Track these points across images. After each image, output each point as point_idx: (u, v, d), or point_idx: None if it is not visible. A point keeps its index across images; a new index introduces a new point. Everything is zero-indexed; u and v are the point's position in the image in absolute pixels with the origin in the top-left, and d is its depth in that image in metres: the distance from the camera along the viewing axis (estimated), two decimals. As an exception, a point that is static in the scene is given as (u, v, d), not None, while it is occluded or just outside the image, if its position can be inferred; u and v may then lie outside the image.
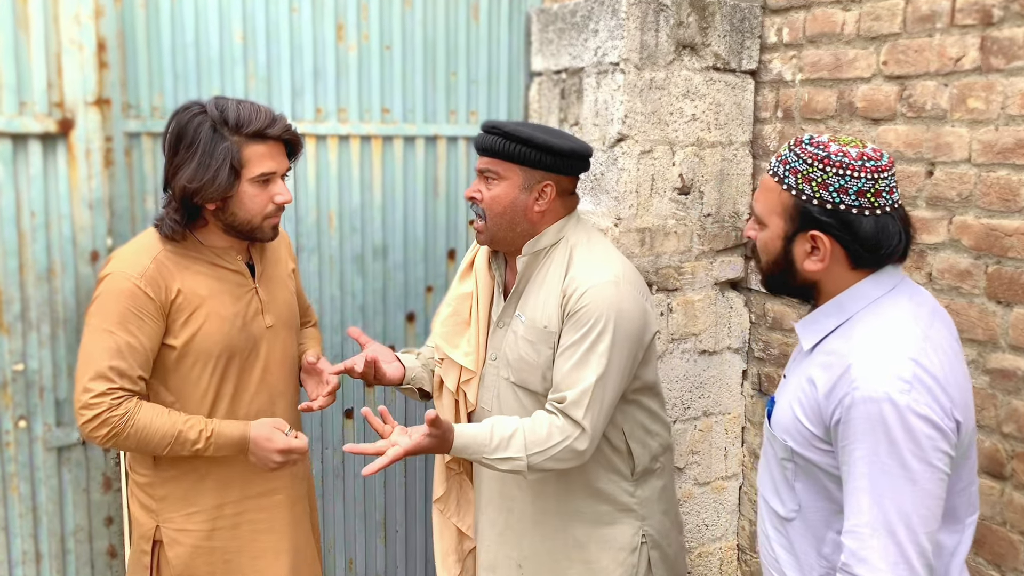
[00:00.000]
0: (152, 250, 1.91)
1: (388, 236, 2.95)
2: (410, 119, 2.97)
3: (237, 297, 2.02)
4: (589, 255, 1.96)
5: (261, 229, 1.95)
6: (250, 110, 1.88)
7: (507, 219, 1.94)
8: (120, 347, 1.83)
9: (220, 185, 1.83)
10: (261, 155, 1.87)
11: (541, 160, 1.90)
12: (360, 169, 2.92)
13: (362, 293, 2.99)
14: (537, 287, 2.00)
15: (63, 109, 2.50)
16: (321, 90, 2.80)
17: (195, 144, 1.86)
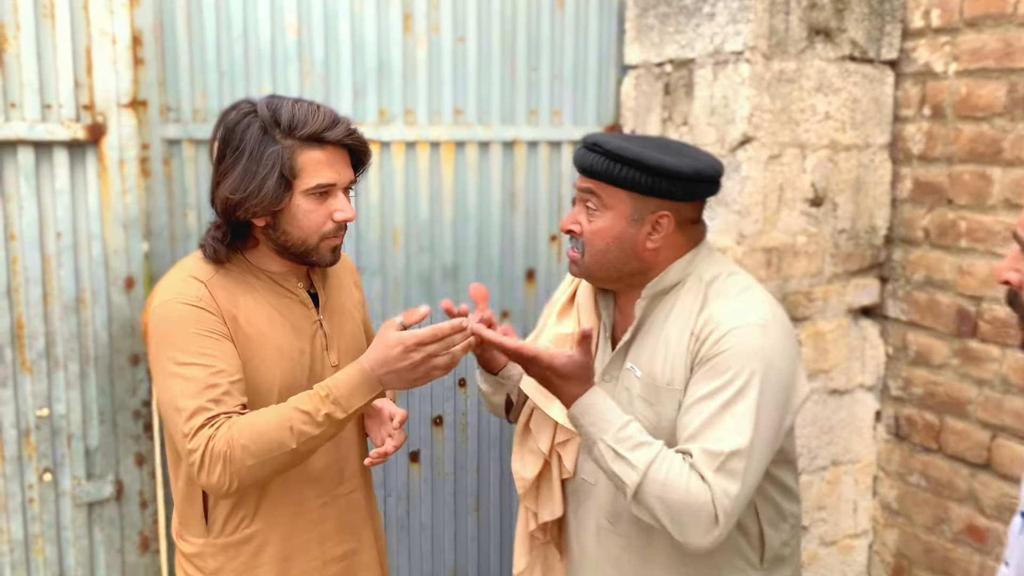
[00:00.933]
0: (202, 275, 1.60)
1: (459, 255, 2.61)
2: (485, 121, 2.60)
3: (300, 330, 1.67)
4: (729, 292, 1.58)
5: (318, 251, 1.61)
6: (307, 110, 1.55)
7: (611, 257, 1.59)
8: (207, 377, 1.51)
9: (267, 196, 1.52)
10: (318, 163, 1.55)
11: (655, 186, 1.52)
12: (429, 179, 2.56)
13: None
14: (656, 333, 1.62)
15: (93, 113, 2.16)
16: (385, 89, 2.46)
17: (241, 148, 1.54)
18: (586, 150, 1.60)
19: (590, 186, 1.60)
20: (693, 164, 1.53)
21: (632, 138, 1.61)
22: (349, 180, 1.63)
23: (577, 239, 1.62)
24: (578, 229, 1.62)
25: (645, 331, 1.64)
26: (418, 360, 1.50)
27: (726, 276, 1.61)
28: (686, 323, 1.56)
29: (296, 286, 1.69)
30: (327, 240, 1.62)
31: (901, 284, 2.48)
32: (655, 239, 1.57)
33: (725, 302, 1.55)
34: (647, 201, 1.55)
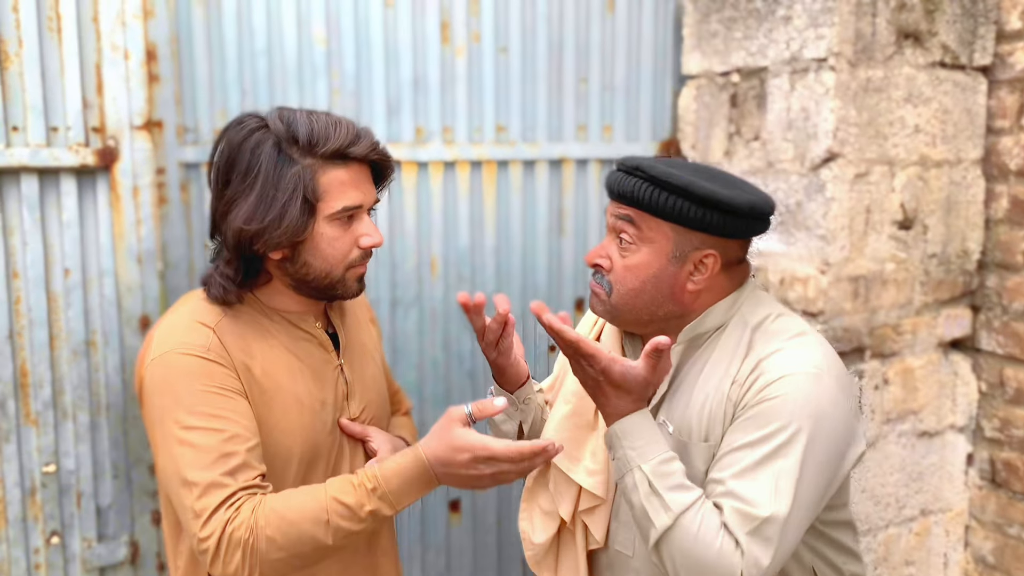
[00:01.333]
0: (207, 318, 1.38)
1: (503, 284, 2.44)
2: (530, 138, 2.39)
3: (322, 377, 1.47)
4: (779, 336, 1.39)
5: (344, 283, 1.42)
6: (326, 123, 1.36)
7: (645, 298, 1.40)
8: (219, 444, 1.30)
9: (291, 226, 1.33)
10: (343, 183, 1.36)
11: (704, 220, 1.34)
12: (469, 202, 2.35)
13: (471, 356, 2.40)
14: (692, 383, 1.42)
15: (103, 135, 1.95)
16: (422, 105, 2.29)
17: (254, 171, 1.33)
18: (625, 174, 1.39)
19: (628, 214, 1.39)
20: (749, 198, 1.34)
21: (674, 163, 1.41)
22: (374, 200, 1.43)
23: (604, 275, 1.42)
24: (607, 264, 1.42)
25: (679, 380, 1.45)
26: (487, 474, 1.30)
27: (774, 318, 1.41)
28: (727, 370, 1.38)
29: (315, 327, 1.47)
30: (353, 269, 1.42)
31: (996, 314, 2.23)
32: (697, 280, 1.38)
33: (774, 347, 1.36)
34: (692, 236, 1.37)
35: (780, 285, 2.11)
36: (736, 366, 1.37)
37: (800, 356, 1.34)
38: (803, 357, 1.34)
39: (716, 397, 1.37)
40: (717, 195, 1.32)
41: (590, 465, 1.50)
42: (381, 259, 2.30)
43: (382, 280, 2.31)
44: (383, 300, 2.32)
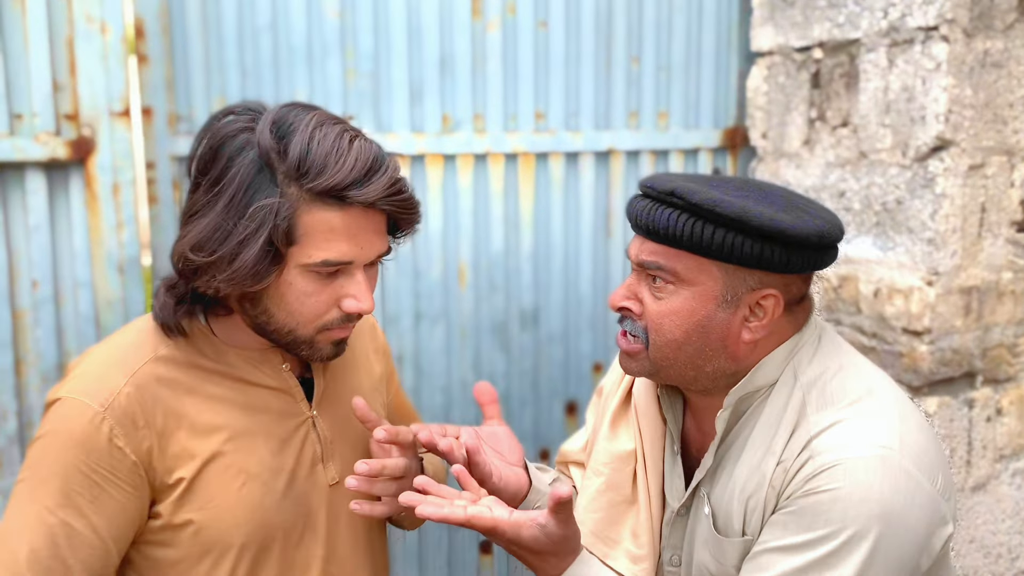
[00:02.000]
0: (135, 358, 1.10)
1: (541, 295, 2.16)
2: (574, 127, 2.11)
3: (280, 438, 1.16)
4: (837, 400, 1.13)
5: (312, 345, 1.12)
6: (333, 145, 1.02)
7: (689, 351, 1.15)
8: (53, 534, 1.04)
9: (242, 271, 1.03)
10: (332, 231, 1.05)
11: (763, 255, 1.09)
12: (504, 201, 2.08)
13: (505, 376, 2.12)
14: (735, 456, 1.18)
15: (77, 124, 1.68)
16: (449, 89, 2.02)
17: (222, 183, 1.03)
18: (655, 202, 1.12)
19: (659, 259, 1.12)
20: (817, 226, 1.09)
21: (712, 181, 1.14)
22: (376, 255, 1.10)
23: (635, 320, 1.15)
24: (637, 308, 1.15)
25: (725, 451, 1.20)
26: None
27: (835, 374, 1.15)
28: (771, 445, 1.13)
29: (280, 369, 1.16)
30: (327, 332, 1.11)
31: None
32: (754, 327, 1.13)
33: (831, 419, 1.10)
34: (747, 275, 1.11)
35: (875, 298, 1.78)
36: (782, 441, 1.12)
37: (863, 432, 1.07)
38: (867, 433, 1.07)
39: (756, 480, 1.13)
40: (779, 225, 1.05)
41: (632, 548, 1.28)
42: (403, 267, 2.01)
43: (403, 291, 2.02)
44: (405, 314, 2.03)
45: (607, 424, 1.35)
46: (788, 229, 1.05)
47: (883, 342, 1.78)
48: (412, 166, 2.00)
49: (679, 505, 1.24)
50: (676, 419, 1.27)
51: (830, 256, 1.13)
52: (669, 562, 1.27)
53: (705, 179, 1.15)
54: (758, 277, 1.11)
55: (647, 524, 1.27)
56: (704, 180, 1.14)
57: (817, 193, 1.94)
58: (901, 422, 1.08)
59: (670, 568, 1.27)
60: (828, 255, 1.13)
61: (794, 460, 1.08)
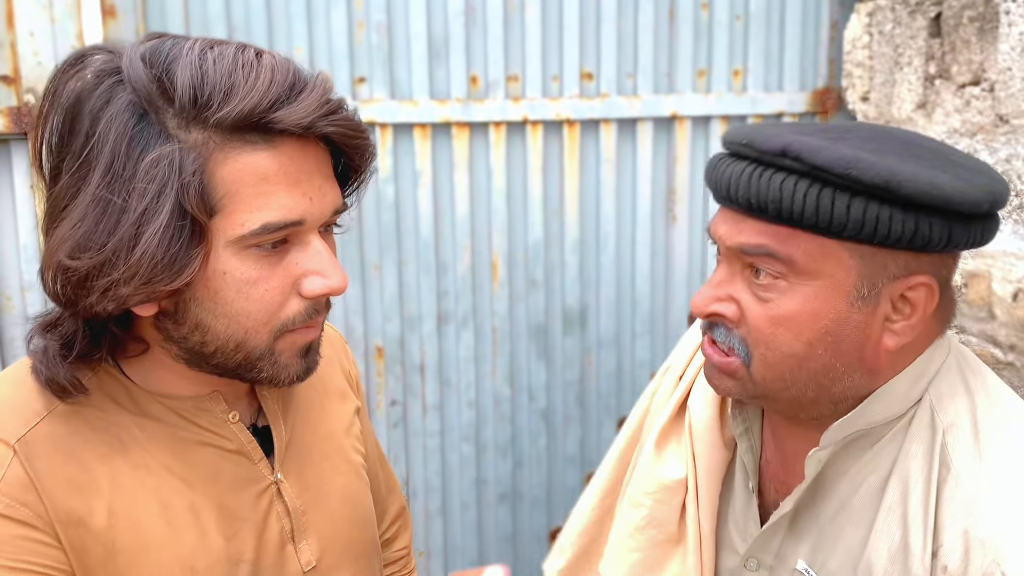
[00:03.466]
0: (19, 419, 0.79)
1: (589, 293, 1.85)
2: (627, 89, 1.79)
3: (234, 516, 0.86)
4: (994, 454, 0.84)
5: (274, 360, 0.81)
6: (234, 63, 0.72)
7: (812, 369, 0.86)
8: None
9: (152, 262, 0.71)
10: (265, 178, 0.74)
11: (918, 231, 0.80)
12: (544, 178, 1.78)
13: (546, 389, 1.81)
14: (852, 516, 0.91)
15: (17, 88, 1.38)
16: (477, 45, 1.73)
17: (92, 150, 0.72)
18: (756, 164, 0.84)
19: (769, 245, 0.83)
20: (984, 185, 0.81)
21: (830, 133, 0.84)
22: (332, 207, 0.78)
23: (731, 330, 0.88)
24: (734, 314, 0.87)
25: (830, 499, 0.93)
26: None
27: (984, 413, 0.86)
28: (910, 525, 0.85)
29: (226, 419, 0.85)
30: (291, 335, 0.80)
31: None
32: (900, 328, 0.85)
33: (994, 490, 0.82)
34: (889, 260, 0.83)
35: (1013, 301, 1.41)
36: (928, 520, 0.84)
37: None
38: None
39: (902, 567, 0.85)
40: (942, 190, 0.78)
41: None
42: (423, 260, 1.69)
43: (425, 289, 1.72)
44: (426, 316, 1.73)
45: (653, 442, 1.09)
46: (954, 195, 0.77)
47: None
48: (434, 137, 1.69)
49: (747, 552, 0.98)
50: (754, 446, 0.99)
51: (996, 225, 0.86)
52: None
53: (821, 127, 0.85)
54: (903, 260, 0.83)
55: (697, 571, 1.05)
56: (821, 129, 0.84)
57: (935, 168, 1.56)
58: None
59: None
60: (995, 224, 0.85)
61: (962, 563, 0.79)
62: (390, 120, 1.66)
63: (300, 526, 0.89)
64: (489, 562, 1.84)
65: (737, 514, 1.02)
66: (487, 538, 1.84)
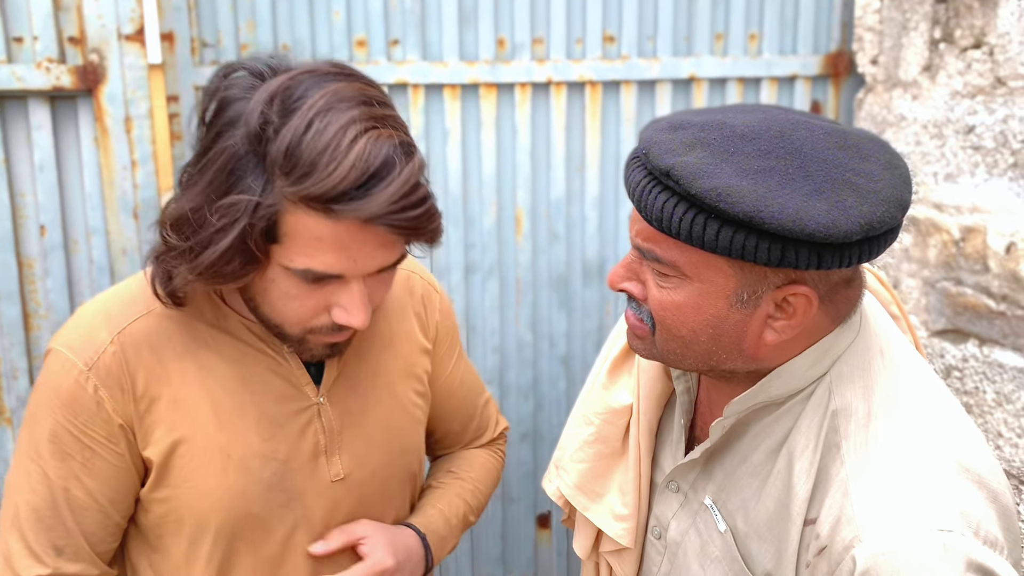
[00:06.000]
0: (125, 313, 1.00)
1: (608, 246, 1.92)
2: (649, 52, 1.84)
3: (274, 422, 1.02)
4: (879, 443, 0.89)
5: (303, 344, 0.99)
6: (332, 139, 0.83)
7: (698, 350, 0.95)
8: (53, 496, 0.98)
9: (207, 265, 0.88)
10: (319, 239, 0.87)
11: (786, 257, 0.84)
12: (566, 137, 1.84)
13: (566, 336, 1.90)
14: (751, 469, 0.98)
15: (83, 48, 1.49)
16: (505, 9, 1.79)
17: (210, 156, 0.87)
18: (649, 177, 0.88)
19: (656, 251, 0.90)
20: (861, 215, 0.82)
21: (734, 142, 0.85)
22: (379, 267, 0.91)
23: (641, 305, 0.94)
24: (639, 292, 0.94)
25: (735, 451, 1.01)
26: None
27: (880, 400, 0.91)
28: (792, 493, 0.92)
29: (282, 349, 1.02)
30: (316, 335, 0.97)
31: None
32: (781, 327, 0.90)
33: (871, 470, 0.87)
34: (769, 272, 0.88)
35: (1007, 254, 1.49)
36: (805, 487, 0.91)
37: (918, 498, 0.83)
38: (924, 501, 0.83)
39: (781, 526, 0.93)
40: (804, 226, 0.80)
41: (616, 507, 1.15)
42: (452, 214, 1.79)
43: (453, 241, 1.81)
44: (454, 267, 1.82)
45: (606, 372, 1.19)
46: (817, 230, 0.80)
47: (1015, 306, 1.50)
48: (463, 97, 1.77)
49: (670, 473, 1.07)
50: (691, 388, 1.08)
51: (885, 242, 0.87)
52: (652, 531, 1.12)
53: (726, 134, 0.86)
54: (783, 273, 0.87)
55: (635, 483, 1.13)
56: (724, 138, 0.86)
57: (939, 128, 1.63)
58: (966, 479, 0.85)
59: (652, 539, 1.12)
60: (881, 242, 0.86)
61: (830, 531, 0.85)
62: (422, 81, 1.74)
63: (334, 443, 1.03)
64: (512, 495, 1.96)
65: (672, 442, 1.11)
66: (510, 473, 1.96)
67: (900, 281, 1.74)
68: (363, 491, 1.07)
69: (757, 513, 0.96)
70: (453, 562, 1.96)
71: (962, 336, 1.62)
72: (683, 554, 1.06)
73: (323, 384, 1.03)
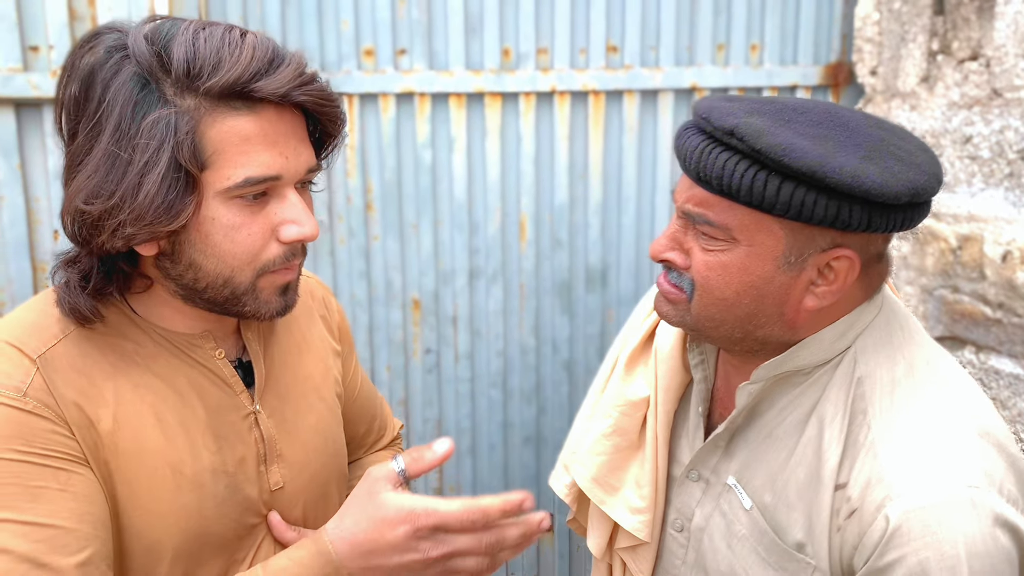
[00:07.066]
0: (33, 343, 0.91)
1: (610, 252, 1.95)
2: (652, 62, 1.88)
3: (218, 435, 0.98)
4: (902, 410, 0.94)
5: (255, 296, 0.94)
6: (222, 41, 0.86)
7: (739, 313, 0.98)
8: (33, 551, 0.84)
9: (152, 206, 0.84)
10: (247, 139, 0.86)
11: (840, 215, 0.89)
12: (570, 145, 1.87)
13: (569, 341, 1.93)
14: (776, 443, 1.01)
15: (96, 57, 1.50)
16: (510, 18, 1.82)
17: (103, 113, 0.84)
18: (708, 139, 0.91)
19: (708, 215, 0.93)
20: (909, 180, 0.88)
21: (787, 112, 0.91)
22: (305, 167, 0.91)
23: (682, 273, 0.98)
24: (682, 262, 0.98)
25: (760, 427, 1.04)
26: (434, 557, 0.86)
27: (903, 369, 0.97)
28: (825, 457, 0.96)
29: (213, 355, 0.99)
30: (271, 276, 0.93)
31: None
32: (822, 292, 0.95)
33: (897, 434, 0.93)
34: (818, 235, 0.92)
35: (1003, 262, 1.51)
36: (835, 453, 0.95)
37: (944, 461, 0.89)
38: (950, 463, 0.89)
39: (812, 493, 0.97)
40: (863, 183, 0.86)
41: (633, 500, 1.17)
42: (457, 219, 1.82)
43: (458, 247, 1.84)
44: (459, 272, 1.84)
45: (623, 364, 1.21)
46: (872, 188, 0.85)
47: (1011, 314, 1.52)
48: (468, 106, 1.80)
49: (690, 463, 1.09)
50: (708, 376, 1.10)
51: (922, 213, 0.93)
52: (672, 525, 1.14)
53: (779, 106, 0.93)
54: (831, 236, 0.92)
55: (651, 476, 1.15)
56: (777, 109, 0.92)
57: (936, 139, 1.66)
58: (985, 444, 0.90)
59: (673, 532, 1.14)
60: (919, 212, 0.92)
61: (861, 493, 0.90)
62: (428, 90, 1.77)
63: (272, 452, 1.00)
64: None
65: (689, 431, 1.13)
66: (512, 477, 1.99)
67: (898, 288, 1.77)
68: (305, 498, 1.06)
69: (786, 483, 0.99)
70: (456, 564, 1.99)
71: (959, 343, 1.65)
72: (708, 539, 1.09)
73: (256, 390, 1.01)
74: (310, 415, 1.07)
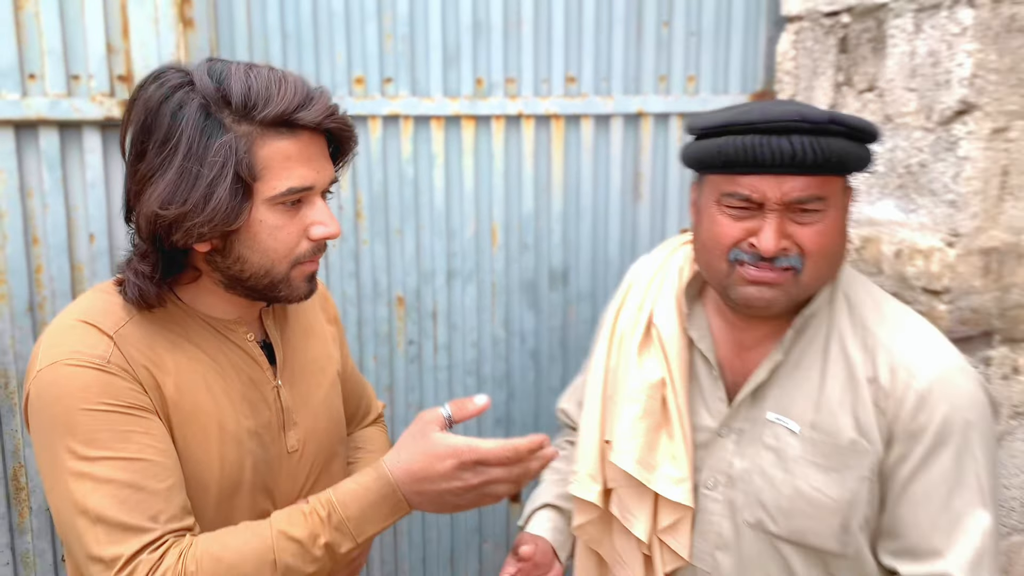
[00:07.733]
0: (107, 323, 1.10)
1: (571, 255, 2.20)
2: (604, 90, 2.13)
3: (251, 402, 1.20)
4: (889, 317, 1.27)
5: (289, 283, 1.15)
6: (268, 79, 1.07)
7: (835, 264, 1.27)
8: (134, 478, 1.04)
9: (219, 210, 1.05)
10: (289, 158, 1.08)
11: (872, 158, 1.26)
12: (535, 162, 2.11)
13: (535, 334, 2.17)
14: (809, 373, 1.25)
15: (130, 84, 1.75)
16: (483, 53, 2.05)
17: (174, 140, 1.05)
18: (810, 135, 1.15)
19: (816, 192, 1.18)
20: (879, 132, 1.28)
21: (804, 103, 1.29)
22: (329, 179, 1.15)
23: (795, 255, 1.20)
24: (791, 246, 1.21)
25: (787, 370, 1.27)
26: (473, 484, 1.09)
27: (870, 296, 1.30)
28: (848, 362, 1.23)
29: (245, 338, 1.20)
30: (301, 267, 1.15)
31: None
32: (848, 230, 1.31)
33: (897, 335, 1.24)
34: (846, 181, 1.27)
35: (896, 259, 1.83)
36: (859, 358, 1.22)
37: (935, 346, 1.23)
38: (939, 347, 1.23)
39: (853, 393, 1.22)
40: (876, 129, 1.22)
41: (671, 472, 1.30)
42: (436, 226, 2.07)
43: (437, 250, 2.08)
44: (439, 272, 2.09)
45: (634, 354, 1.38)
46: (879, 135, 1.21)
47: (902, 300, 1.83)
48: (447, 128, 2.05)
49: (719, 426, 1.29)
50: (708, 344, 1.33)
51: None
52: (704, 484, 1.30)
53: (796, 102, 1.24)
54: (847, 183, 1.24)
55: (683, 446, 1.31)
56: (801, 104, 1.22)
57: (842, 156, 1.98)
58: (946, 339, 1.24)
59: (705, 491, 1.30)
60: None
61: (888, 380, 1.19)
62: (411, 113, 1.98)
63: (290, 420, 1.23)
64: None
65: (705, 398, 1.31)
66: (486, 454, 2.23)
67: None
68: (314, 460, 1.27)
69: (828, 396, 1.23)
70: (434, 530, 2.22)
71: (863, 328, 1.96)
72: (760, 476, 1.25)
73: (277, 367, 1.22)
74: (319, 390, 1.29)
